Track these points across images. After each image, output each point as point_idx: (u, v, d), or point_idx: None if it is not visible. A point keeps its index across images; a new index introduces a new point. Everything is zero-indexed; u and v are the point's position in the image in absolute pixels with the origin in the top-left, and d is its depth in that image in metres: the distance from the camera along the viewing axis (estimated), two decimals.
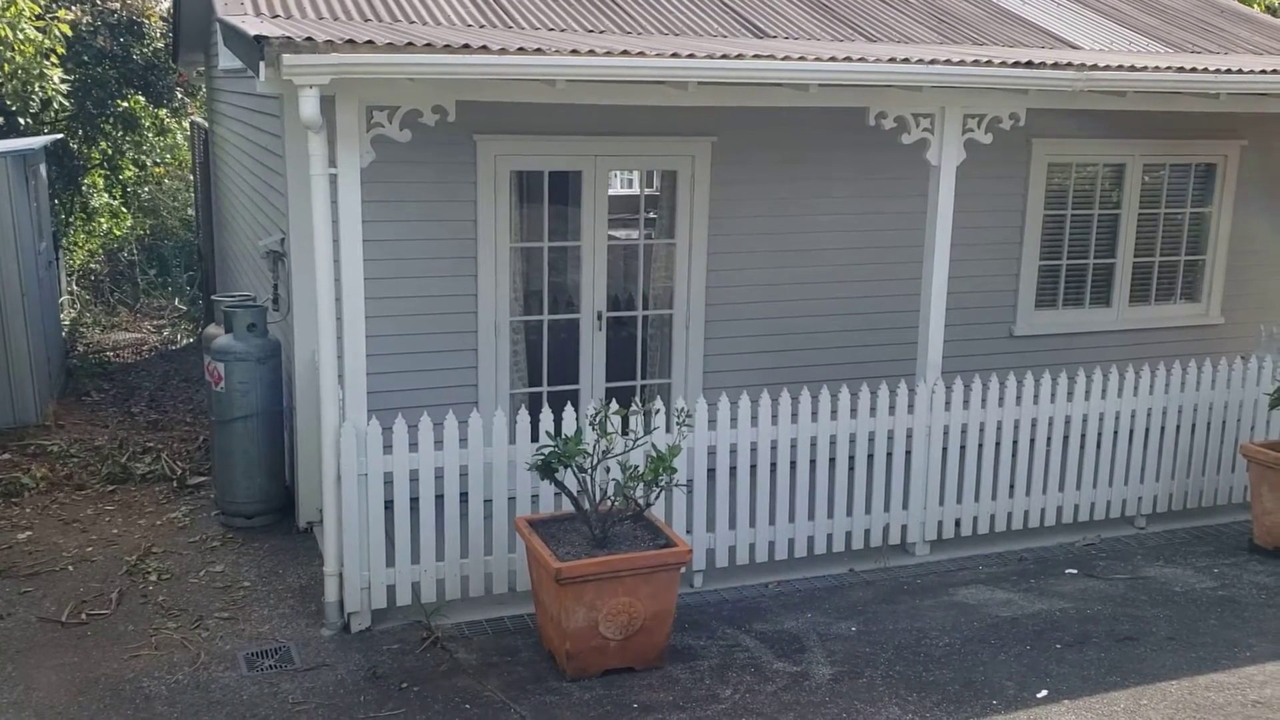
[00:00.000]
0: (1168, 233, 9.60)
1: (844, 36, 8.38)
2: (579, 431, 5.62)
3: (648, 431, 6.22)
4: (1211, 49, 9.51)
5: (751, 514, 6.85)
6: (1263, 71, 7.01)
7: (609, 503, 5.59)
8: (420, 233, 7.45)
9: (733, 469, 6.75)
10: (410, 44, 5.40)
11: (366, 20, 7.09)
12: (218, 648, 5.89)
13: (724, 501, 6.72)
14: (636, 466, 5.54)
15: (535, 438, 6.14)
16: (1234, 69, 6.96)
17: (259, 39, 5.20)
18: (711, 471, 6.69)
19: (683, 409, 6.09)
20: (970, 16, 9.32)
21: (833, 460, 7.00)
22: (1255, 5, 25.34)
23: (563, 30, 7.58)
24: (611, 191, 8.16)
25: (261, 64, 5.19)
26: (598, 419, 5.57)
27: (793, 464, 6.90)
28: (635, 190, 8.34)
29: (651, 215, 8.41)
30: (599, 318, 8.07)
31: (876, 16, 8.93)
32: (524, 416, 6.19)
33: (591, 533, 5.55)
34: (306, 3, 7.22)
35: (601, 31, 7.71)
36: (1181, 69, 6.88)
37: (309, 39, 5.21)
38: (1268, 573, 6.85)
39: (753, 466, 6.78)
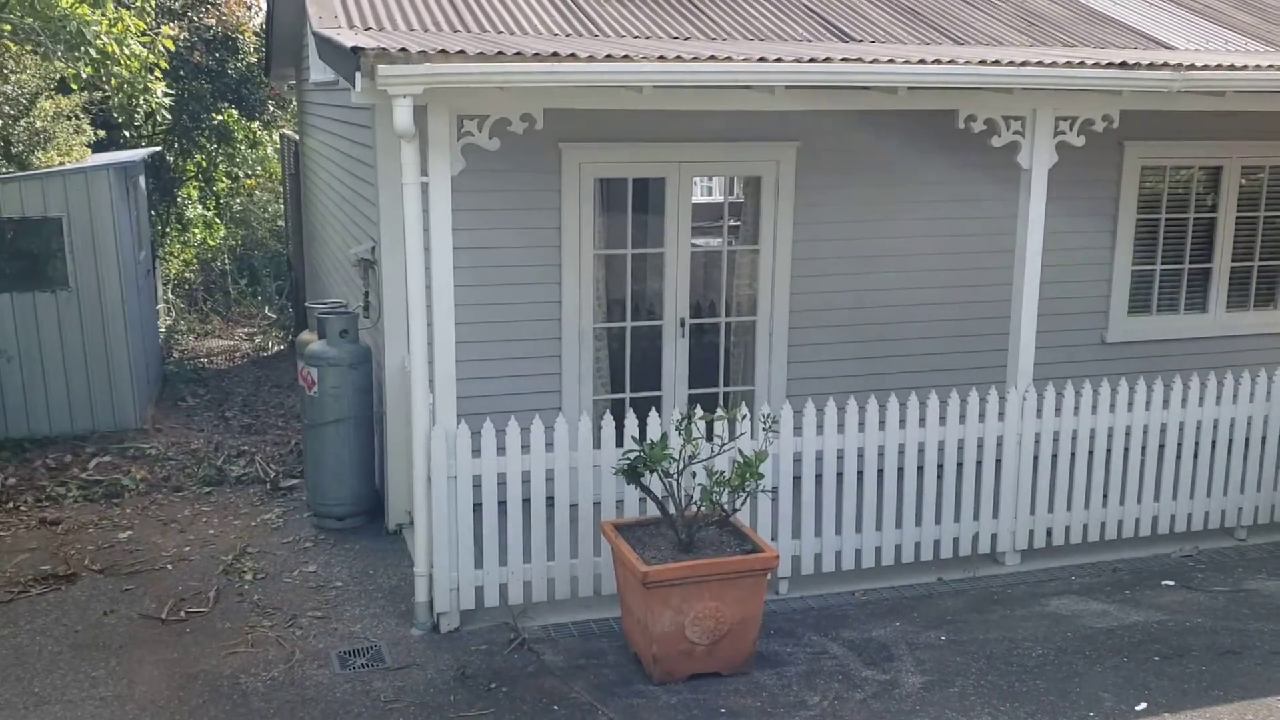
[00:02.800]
0: (1268, 236, 9.32)
1: (930, 39, 8.29)
2: (664, 436, 5.64)
3: (733, 437, 6.22)
4: None
5: (838, 521, 6.80)
6: None
7: (694, 508, 5.59)
8: (505, 240, 7.54)
9: (819, 476, 6.70)
10: (500, 53, 5.47)
11: (456, 31, 7.20)
12: (311, 646, 6.02)
13: (810, 508, 6.68)
14: (722, 472, 5.54)
15: (620, 443, 6.16)
16: None
17: (355, 50, 5.32)
18: (797, 479, 6.65)
19: (769, 415, 6.07)
20: (1059, 18, 9.16)
21: (921, 468, 6.92)
22: None
23: (648, 37, 7.62)
24: (695, 199, 8.19)
25: (358, 75, 5.32)
26: (683, 424, 5.57)
27: (880, 471, 6.83)
28: (718, 197, 8.34)
29: (735, 222, 8.40)
30: (682, 324, 8.08)
31: (962, 19, 8.82)
32: (608, 422, 6.23)
33: (677, 537, 5.56)
34: (398, 15, 7.36)
35: (687, 38, 7.72)
36: None
37: (403, 50, 5.32)
38: None
39: (839, 474, 6.73)
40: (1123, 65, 6.38)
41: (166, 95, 10.37)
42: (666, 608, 5.30)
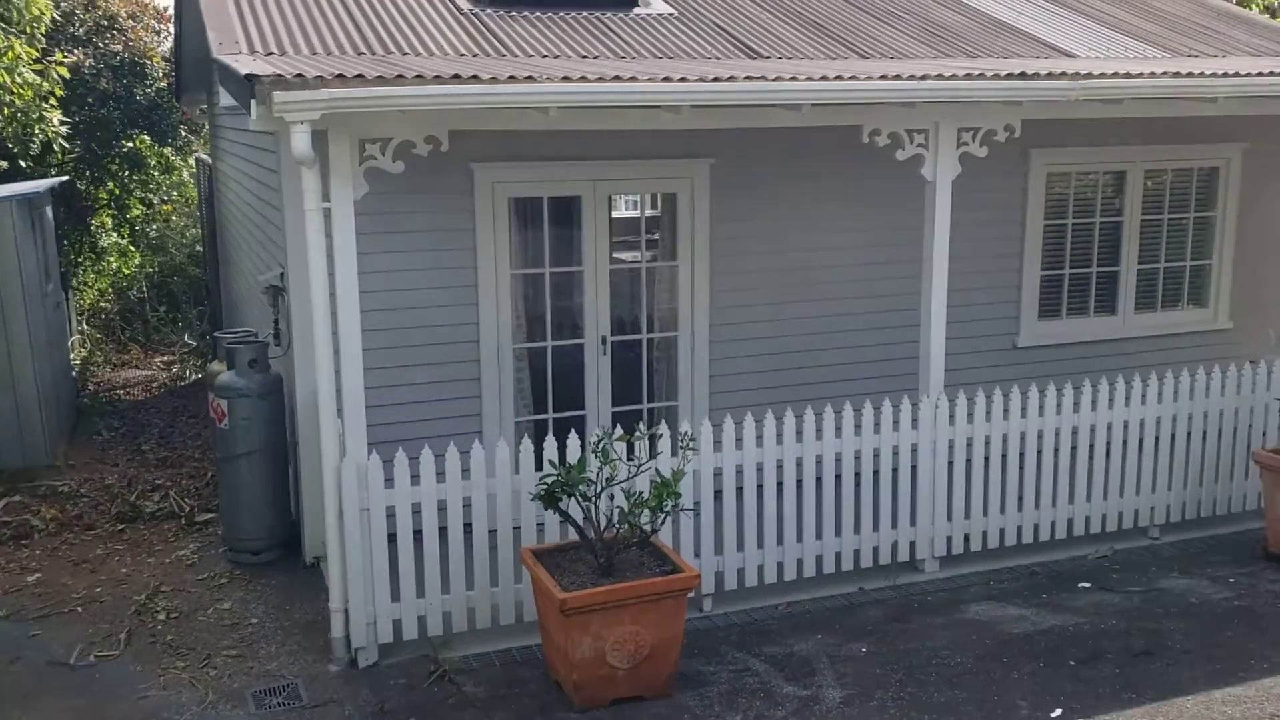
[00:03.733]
0: (1172, 238, 9.55)
1: (837, 55, 8.38)
2: (581, 459, 5.60)
3: (653, 456, 6.20)
4: (1209, 52, 9.47)
5: (759, 535, 6.80)
6: (1259, 74, 6.97)
7: (614, 530, 5.55)
8: (419, 263, 7.45)
9: (739, 490, 6.71)
10: (400, 76, 5.41)
11: (360, 54, 7.12)
12: (226, 686, 5.87)
13: (731, 524, 6.68)
14: (641, 493, 5.51)
15: (539, 466, 6.11)
16: (1230, 72, 6.93)
17: (250, 77, 5.22)
18: (719, 494, 6.65)
19: (686, 433, 6.07)
20: (964, 29, 9.32)
21: (839, 479, 6.95)
22: (1253, 6, 25.32)
23: (556, 57, 7.60)
24: (616, 214, 8.17)
25: (253, 102, 5.22)
26: (600, 446, 5.54)
27: (799, 483, 6.86)
28: (645, 212, 8.33)
29: (654, 238, 8.41)
30: (603, 342, 8.05)
31: (869, 33, 8.93)
32: (527, 445, 6.18)
33: (597, 561, 5.52)
34: (300, 39, 7.26)
35: (595, 57, 7.72)
36: (1178, 74, 6.86)
37: (299, 75, 5.23)
38: None
39: (759, 487, 6.75)
40: (1021, 75, 6.49)
41: (64, 123, 10.09)
42: (586, 634, 5.26)
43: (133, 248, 16.93)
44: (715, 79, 5.90)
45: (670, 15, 8.80)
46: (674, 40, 8.31)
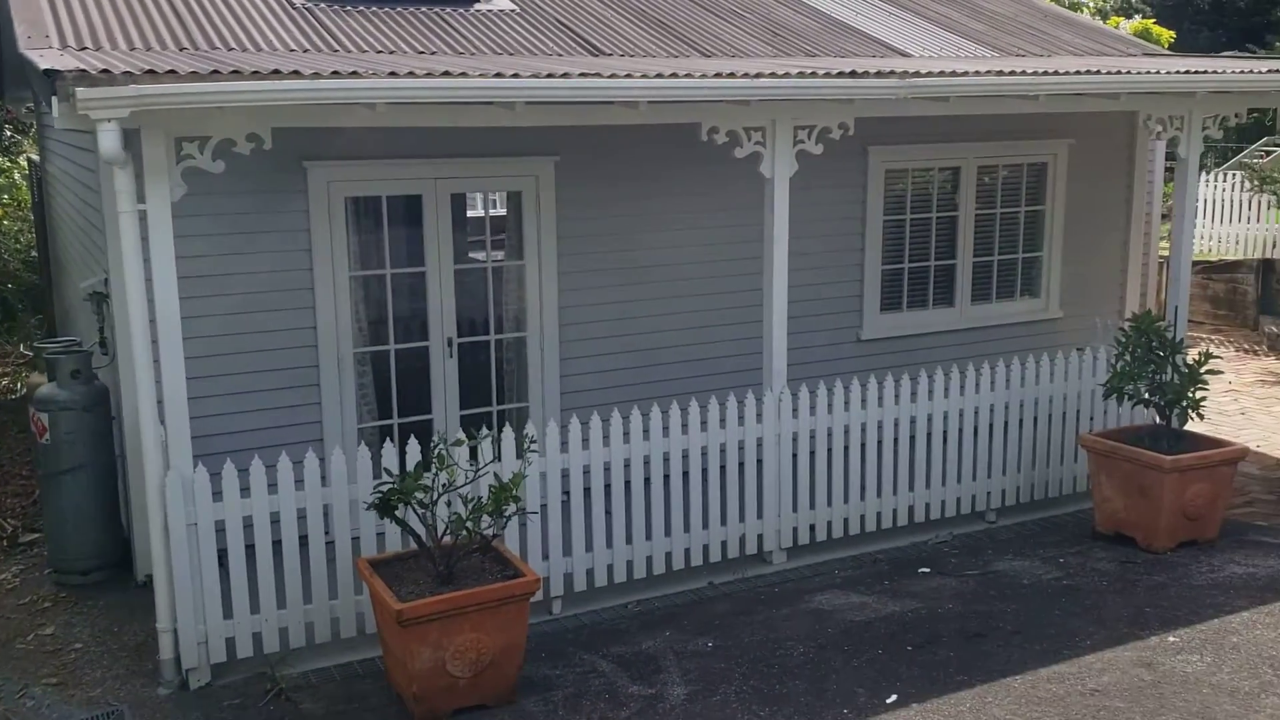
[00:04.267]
0: (1006, 231, 9.89)
1: (679, 53, 8.42)
2: (418, 466, 5.47)
3: (497, 460, 6.11)
4: (1036, 52, 9.86)
5: (608, 535, 6.78)
6: (1077, 72, 7.26)
7: (452, 537, 5.44)
8: (253, 265, 7.18)
9: (587, 491, 6.67)
10: (215, 72, 5.19)
11: (182, 49, 6.82)
12: (44, 718, 5.54)
13: (580, 524, 6.64)
14: (480, 498, 5.41)
15: (378, 474, 5.94)
16: (1050, 71, 7.20)
17: (50, 73, 4.93)
18: (571, 494, 6.60)
19: (527, 435, 5.99)
20: (805, 29, 9.47)
21: (687, 474, 6.98)
22: (1085, 9, 26.51)
23: (391, 53, 7.43)
24: (463, 212, 8.03)
25: (54, 99, 4.93)
26: (436, 451, 5.42)
27: (647, 481, 6.85)
28: (498, 211, 8.23)
29: (500, 237, 8.30)
30: (449, 344, 7.90)
31: (711, 31, 9.00)
32: (364, 452, 6.01)
33: (436, 569, 5.40)
34: (118, 33, 6.91)
35: (433, 53, 7.57)
36: (1000, 73, 7.09)
37: (105, 71, 4.97)
38: (1109, 559, 7.07)
39: (607, 486, 6.72)
40: (852, 74, 6.61)
41: None
42: (425, 644, 5.13)
43: None
44: (550, 75, 5.83)
45: (512, 11, 8.70)
46: (515, 37, 8.22)
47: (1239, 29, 38.36)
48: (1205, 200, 16.86)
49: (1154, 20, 29.83)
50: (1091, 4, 30.89)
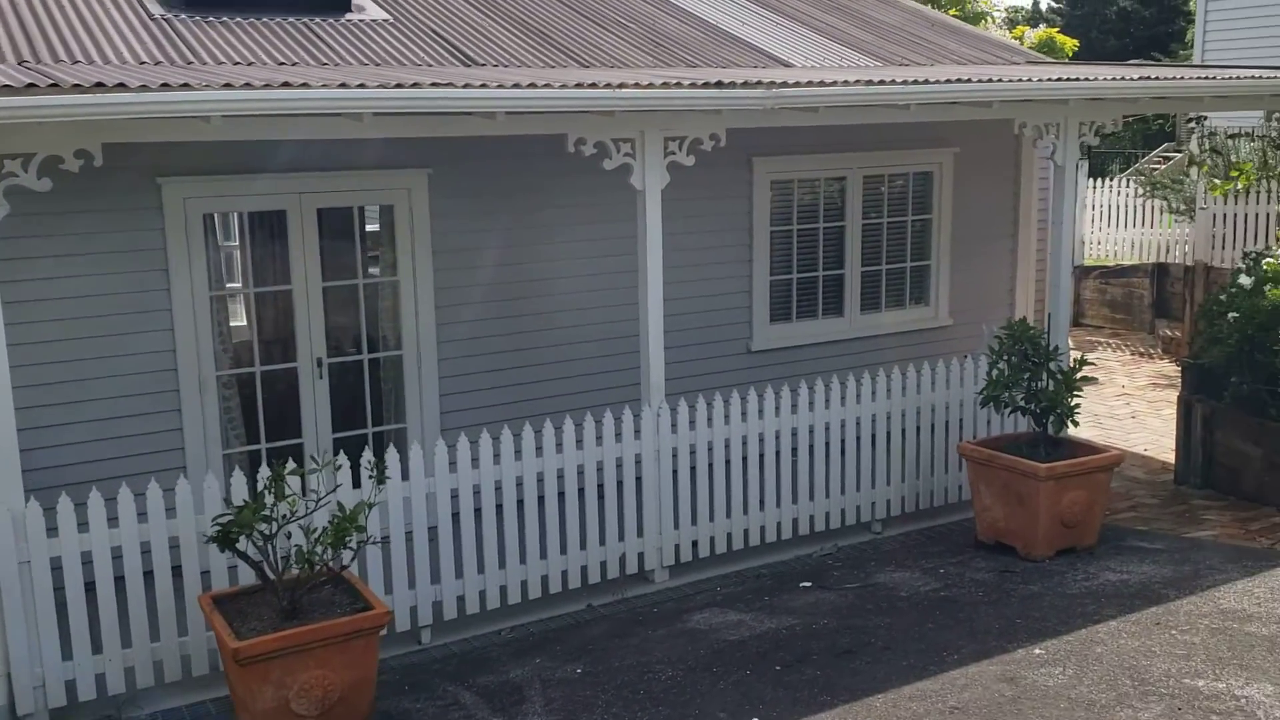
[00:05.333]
0: (894, 240, 9.89)
1: (557, 63, 8.27)
2: (261, 495, 5.23)
3: (355, 486, 5.88)
4: (920, 61, 9.88)
5: (479, 559, 6.57)
6: (947, 81, 7.25)
7: (297, 570, 5.20)
8: (105, 287, 6.86)
9: (456, 516, 6.46)
10: (32, 85, 4.91)
11: (22, 62, 6.50)
12: None
13: (449, 549, 6.43)
14: (326, 528, 5.19)
15: (231, 504, 5.68)
16: (920, 80, 7.17)
17: None
18: (439, 519, 6.38)
19: (372, 461, 5.77)
20: (688, 39, 9.38)
21: (562, 494, 6.81)
22: (990, 19, 26.91)
23: (250, 64, 7.17)
24: (332, 227, 7.76)
25: None
26: (272, 481, 5.18)
27: (521, 502, 6.67)
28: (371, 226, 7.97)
29: (373, 252, 8.06)
30: (319, 364, 7.64)
31: (592, 42, 8.86)
32: (212, 482, 5.73)
33: (280, 604, 5.15)
34: None
35: (295, 64, 7.33)
36: (869, 82, 7.04)
37: None
38: (988, 569, 7.04)
39: (477, 510, 6.52)
40: (718, 85, 6.51)
41: None
42: (266, 683, 4.89)
43: None
44: (399, 85, 5.63)
45: (385, 21, 8.48)
46: (385, 46, 8.00)
47: (1145, 38, 39.40)
48: (1105, 205, 17.14)
49: (1059, 30, 30.50)
50: (996, 14, 31.44)
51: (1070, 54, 26.77)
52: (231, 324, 7.49)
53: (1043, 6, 44.88)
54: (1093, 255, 16.85)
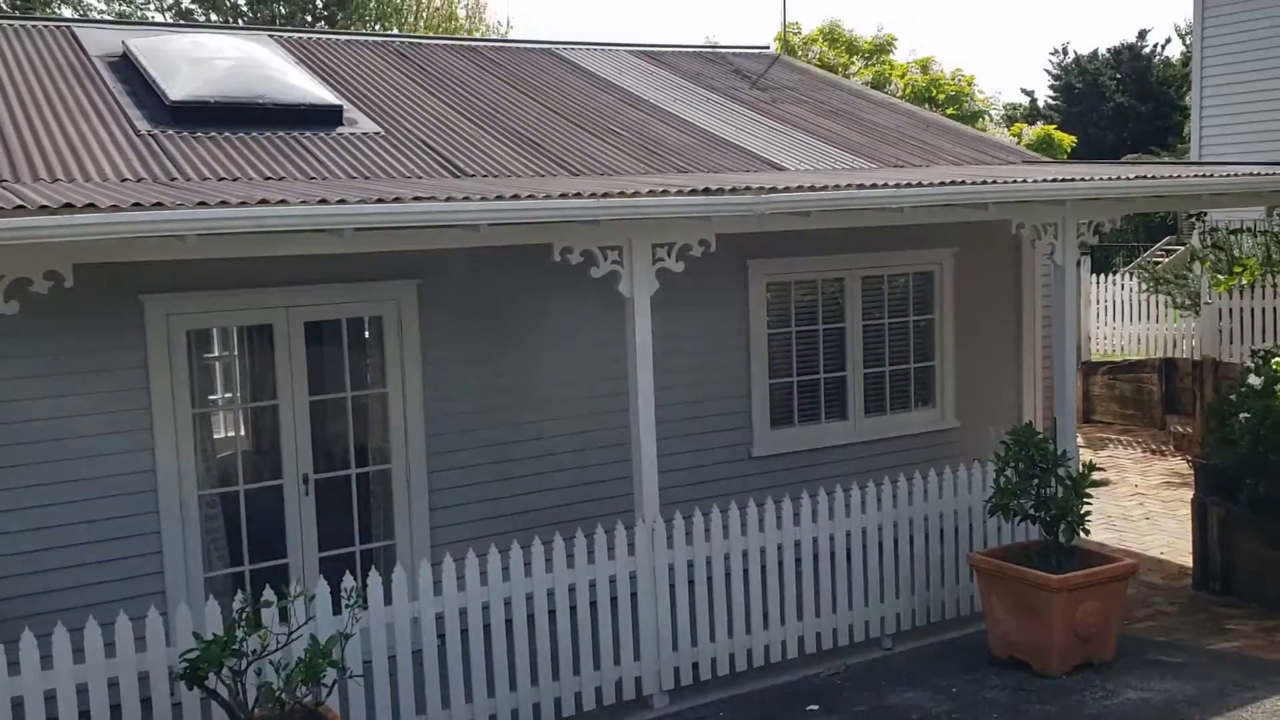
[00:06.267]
0: (896, 341, 9.71)
1: (548, 172, 8.22)
2: (230, 629, 4.97)
3: (336, 614, 5.61)
4: (915, 162, 9.84)
5: (467, 688, 6.27)
6: (940, 183, 7.14)
7: (268, 708, 4.91)
8: (83, 407, 6.68)
9: (442, 637, 6.17)
10: None
11: (3, 181, 6.44)
12: None
13: (435, 676, 6.13)
14: (295, 661, 4.91)
15: (205, 634, 5.41)
16: (913, 182, 7.07)
17: None
18: (424, 643, 6.10)
19: (351, 588, 5.52)
20: (681, 145, 9.36)
21: (553, 613, 6.52)
22: (987, 118, 27.18)
23: (236, 179, 7.12)
24: (318, 339, 7.62)
25: None
26: (243, 614, 4.93)
27: (509, 622, 6.38)
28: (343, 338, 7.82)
29: (364, 364, 7.89)
30: (305, 481, 7.43)
31: (584, 150, 8.83)
32: (184, 613, 5.47)
33: None
34: None
35: (282, 178, 7.28)
36: (862, 185, 6.95)
37: None
38: (1002, 687, 6.69)
39: (464, 631, 6.24)
40: (705, 191, 6.40)
41: None
42: None
43: None
44: (380, 200, 5.53)
45: (375, 134, 8.47)
46: (376, 160, 7.97)
47: (1142, 133, 39.86)
48: (1110, 301, 17.02)
49: (1056, 126, 30.82)
50: (994, 113, 31.85)
51: (1068, 150, 26.99)
52: (215, 438, 7.30)
53: (1040, 103, 45.57)
54: (1100, 350, 16.67)
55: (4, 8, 23.37)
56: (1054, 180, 7.51)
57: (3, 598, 6.35)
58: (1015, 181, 7.38)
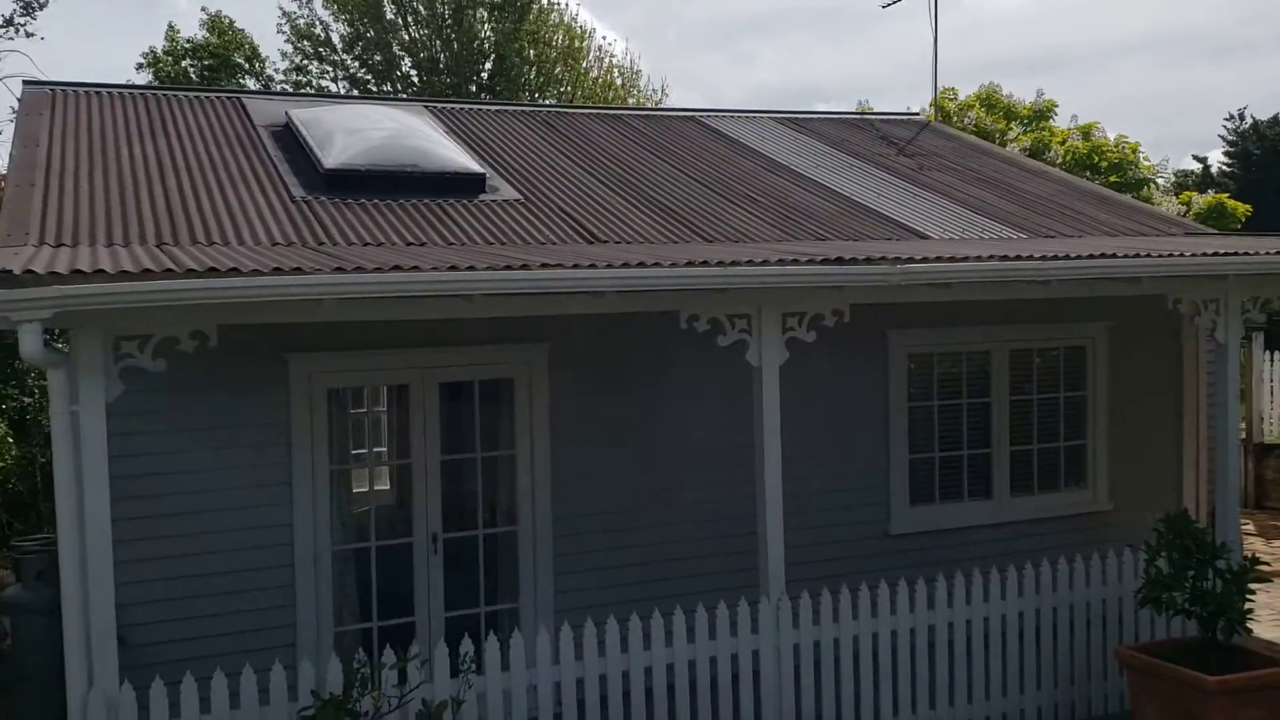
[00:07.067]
0: (1045, 418, 9.28)
1: (679, 238, 8.23)
2: (348, 688, 5.01)
3: (454, 675, 5.60)
4: (1067, 233, 9.46)
5: None
6: (1090, 256, 6.82)
7: None
8: (221, 462, 6.94)
9: (558, 711, 6.09)
10: (148, 270, 5.05)
11: (162, 244, 6.80)
12: None
13: None
14: None
15: (324, 692, 5.47)
16: (1061, 254, 6.77)
17: None
18: (539, 715, 6.04)
19: (466, 652, 5.50)
20: (819, 211, 9.25)
21: (672, 687, 6.36)
22: (1153, 185, 26.09)
23: (379, 244, 7.34)
24: (452, 401, 7.75)
25: None
26: (359, 675, 4.96)
27: (627, 694, 6.25)
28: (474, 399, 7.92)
29: (492, 426, 7.98)
30: (434, 540, 7.52)
31: (719, 216, 8.82)
32: (307, 670, 5.55)
33: None
34: (101, 229, 6.95)
35: (423, 244, 7.48)
36: (1005, 257, 6.69)
37: (29, 271, 4.85)
38: None
39: (580, 702, 6.14)
40: (838, 261, 6.28)
41: None
42: None
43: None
44: (508, 266, 5.60)
45: (515, 201, 8.65)
46: (514, 225, 8.12)
47: None
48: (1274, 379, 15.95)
49: (1230, 195, 29.29)
50: (1162, 180, 30.53)
51: (1242, 219, 25.59)
52: (349, 497, 7.46)
53: (1214, 171, 43.52)
54: (1273, 432, 15.58)
55: (192, 77, 25.01)
56: (1213, 255, 7.07)
57: (141, 644, 6.57)
58: (1170, 255, 6.98)
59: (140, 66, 25.92)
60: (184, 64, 25.96)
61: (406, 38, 26.16)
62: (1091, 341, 9.33)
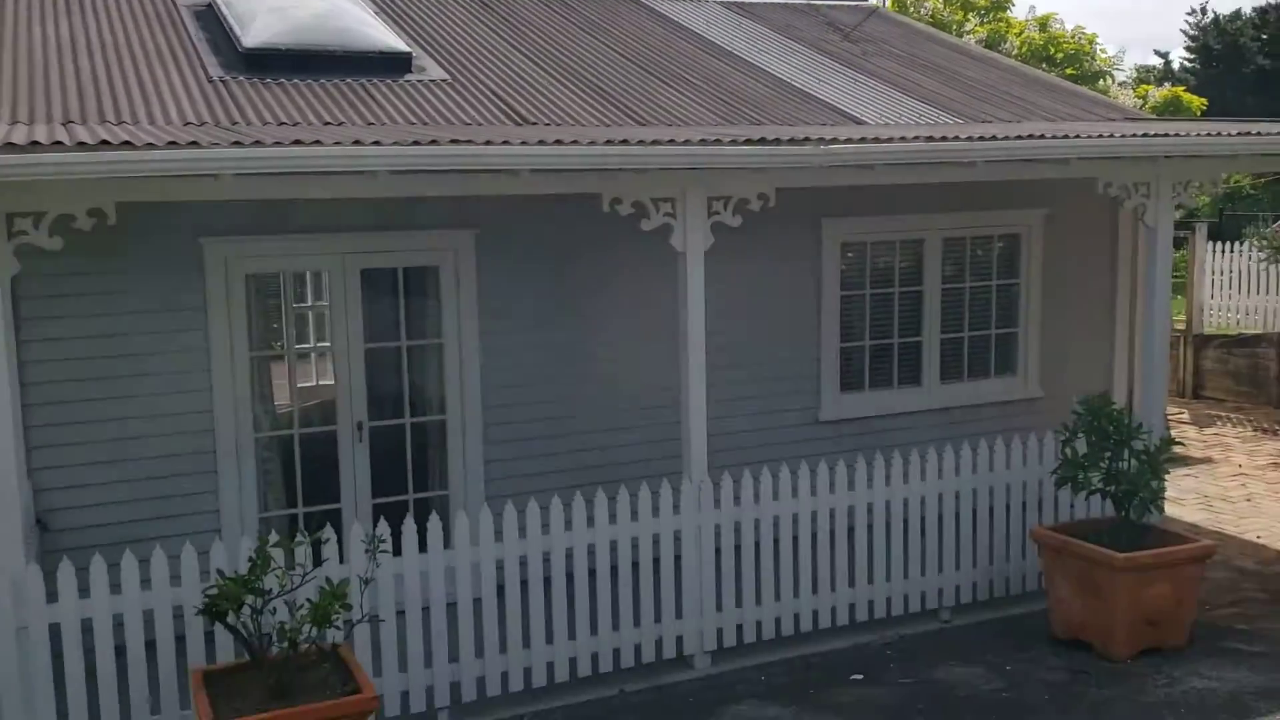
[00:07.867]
0: (977, 306, 9.30)
1: (613, 120, 8.04)
2: (253, 567, 5.00)
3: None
4: (1005, 118, 9.35)
5: (502, 638, 6.23)
6: (1017, 137, 6.75)
7: (287, 647, 4.93)
8: (139, 347, 6.81)
9: (474, 598, 6.13)
10: (35, 143, 4.86)
11: (69, 122, 6.55)
12: None
13: (469, 627, 6.11)
14: (310, 601, 4.92)
15: (244, 570, 5.46)
16: (986, 136, 6.70)
17: None
18: (459, 594, 6.08)
19: (372, 535, 5.50)
20: (759, 97, 9.07)
21: (593, 572, 6.43)
22: (1109, 78, 25.89)
23: (295, 124, 7.12)
24: (374, 288, 7.63)
25: None
26: (259, 553, 4.94)
27: (547, 579, 6.31)
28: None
29: (417, 313, 7.87)
30: (359, 428, 7.47)
31: (655, 99, 8.62)
32: (219, 548, 5.53)
33: (267, 683, 4.89)
34: (6, 107, 6.67)
35: (341, 123, 7.26)
36: (930, 138, 6.61)
37: None
38: (1059, 668, 6.37)
39: (500, 586, 6.19)
40: (762, 141, 6.16)
41: None
42: None
43: None
44: (414, 143, 5.45)
45: (443, 81, 8.40)
46: (438, 106, 7.89)
47: None
48: (1227, 271, 16.11)
49: (1190, 89, 29.17)
50: (1119, 74, 30.32)
51: (1198, 113, 25.54)
52: (273, 385, 7.38)
53: (1175, 65, 43.36)
54: (1214, 323, 15.79)
55: None
56: (1143, 135, 7.02)
57: (61, 528, 6.52)
58: (1100, 136, 6.92)
59: None
60: None
61: None
62: (1027, 230, 9.31)
